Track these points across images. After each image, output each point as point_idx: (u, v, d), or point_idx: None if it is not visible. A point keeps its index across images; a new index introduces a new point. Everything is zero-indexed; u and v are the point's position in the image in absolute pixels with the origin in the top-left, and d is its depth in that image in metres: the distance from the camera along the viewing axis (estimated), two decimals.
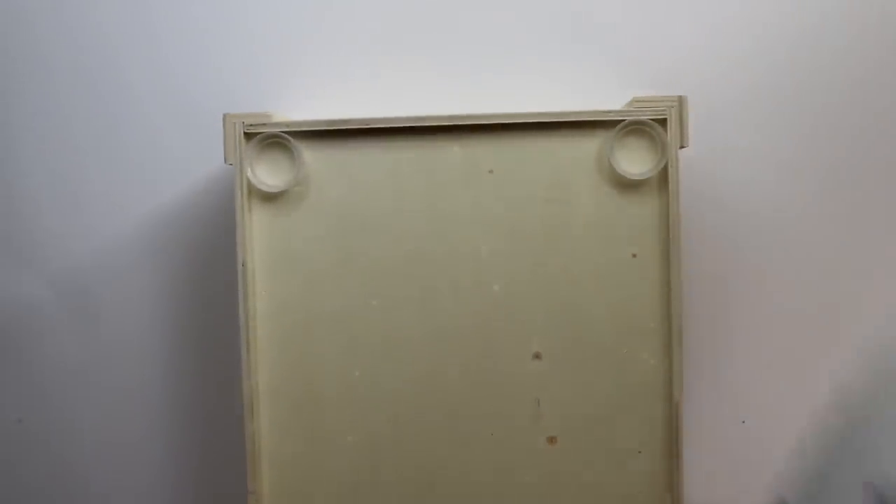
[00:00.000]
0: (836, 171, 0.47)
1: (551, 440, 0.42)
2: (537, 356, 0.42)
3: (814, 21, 0.47)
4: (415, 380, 0.42)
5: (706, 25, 0.47)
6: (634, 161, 0.41)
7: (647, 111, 0.41)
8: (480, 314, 0.42)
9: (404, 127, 0.41)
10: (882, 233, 0.47)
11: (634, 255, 0.41)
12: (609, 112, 0.41)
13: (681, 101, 0.40)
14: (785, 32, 0.47)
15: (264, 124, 0.41)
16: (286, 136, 0.41)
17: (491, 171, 0.41)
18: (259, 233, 0.42)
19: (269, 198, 0.42)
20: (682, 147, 0.41)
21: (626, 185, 0.41)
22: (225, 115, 0.41)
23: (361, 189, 0.42)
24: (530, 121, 0.41)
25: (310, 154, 0.41)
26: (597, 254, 0.41)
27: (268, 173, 0.42)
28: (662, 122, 0.40)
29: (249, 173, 0.41)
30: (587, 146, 0.41)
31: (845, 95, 0.47)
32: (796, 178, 0.47)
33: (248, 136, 0.41)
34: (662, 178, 0.41)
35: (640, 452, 0.41)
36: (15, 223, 0.49)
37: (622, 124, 0.41)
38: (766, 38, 0.47)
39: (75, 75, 0.48)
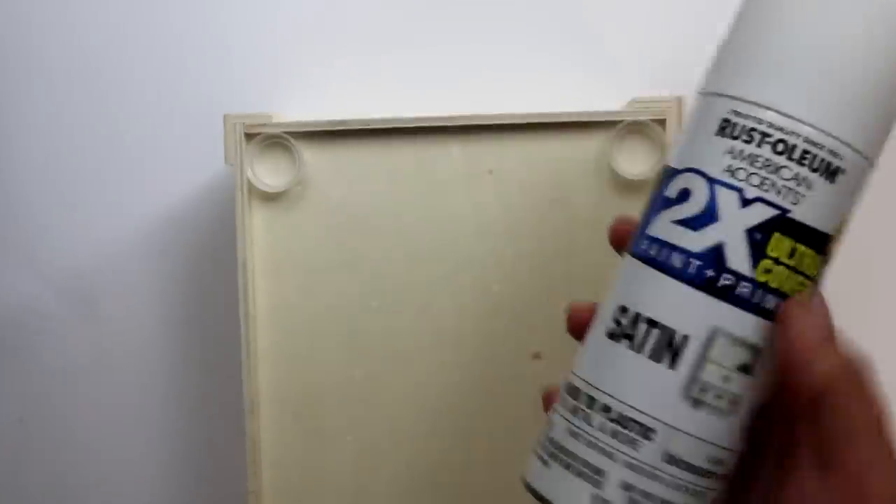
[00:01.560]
0: None
1: None
2: (537, 356, 0.42)
3: None
4: (414, 380, 0.42)
5: (705, 25, 0.47)
6: (634, 161, 0.41)
7: (646, 112, 0.41)
8: (480, 314, 0.42)
9: (404, 127, 0.41)
10: (883, 233, 0.47)
11: None
12: (608, 113, 0.41)
13: (679, 102, 0.41)
14: None
15: (264, 125, 0.41)
16: (286, 136, 0.41)
17: (491, 171, 0.42)
18: (259, 233, 0.42)
19: (270, 198, 0.42)
20: None
21: (626, 186, 0.41)
22: (225, 116, 0.41)
23: (361, 189, 0.42)
24: (530, 121, 0.41)
25: (310, 154, 0.42)
26: (596, 254, 0.41)
27: (268, 173, 0.42)
28: (661, 123, 0.41)
29: (250, 173, 0.41)
30: (587, 146, 0.41)
31: None
32: None
33: (249, 136, 0.41)
34: None
35: None
36: (15, 223, 0.49)
37: (621, 125, 0.41)
38: None
39: (74, 75, 0.48)
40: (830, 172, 0.26)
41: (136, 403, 0.49)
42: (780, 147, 0.26)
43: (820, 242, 0.27)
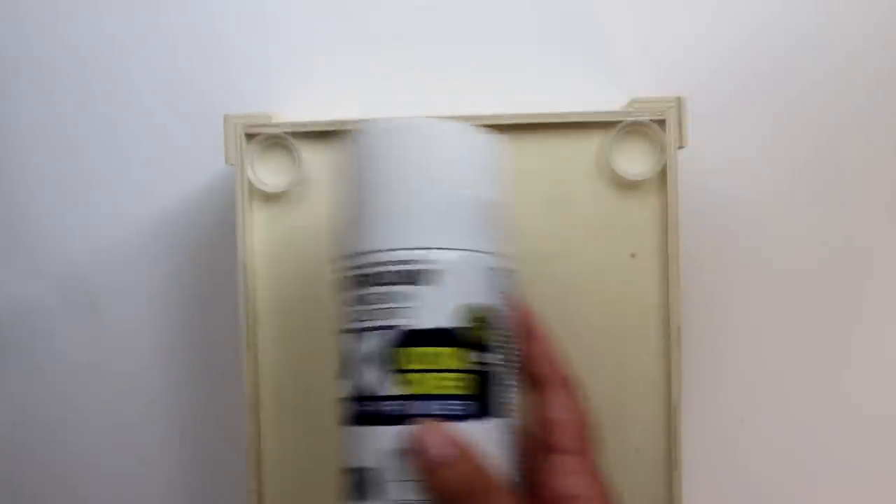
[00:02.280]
0: (837, 171, 0.47)
1: None
2: None
3: (814, 20, 0.47)
4: None
5: (705, 25, 0.47)
6: (634, 161, 0.41)
7: (645, 112, 0.41)
8: None
9: None
10: (884, 232, 0.47)
11: (633, 255, 0.41)
12: (608, 113, 0.41)
13: (679, 102, 0.41)
14: (785, 32, 0.47)
15: (265, 125, 0.41)
16: (286, 136, 0.41)
17: None
18: (259, 233, 0.42)
19: (270, 198, 0.42)
20: (680, 147, 0.41)
21: (626, 186, 0.41)
22: (225, 116, 0.41)
23: None
24: (530, 121, 0.41)
25: (310, 154, 0.42)
26: (596, 254, 0.41)
27: (268, 173, 0.42)
28: (661, 123, 0.41)
29: (250, 174, 0.41)
30: (587, 147, 0.41)
31: (847, 95, 0.47)
32: (797, 178, 0.47)
33: (249, 136, 0.41)
34: (661, 179, 0.41)
35: (637, 452, 0.41)
36: (15, 223, 0.49)
37: (621, 125, 0.41)
38: (766, 37, 0.47)
39: (75, 75, 0.48)
40: (421, 278, 0.28)
41: (136, 403, 0.49)
42: (362, 280, 0.29)
43: (447, 338, 0.28)
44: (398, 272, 0.28)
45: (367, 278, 0.29)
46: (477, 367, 0.29)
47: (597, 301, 0.41)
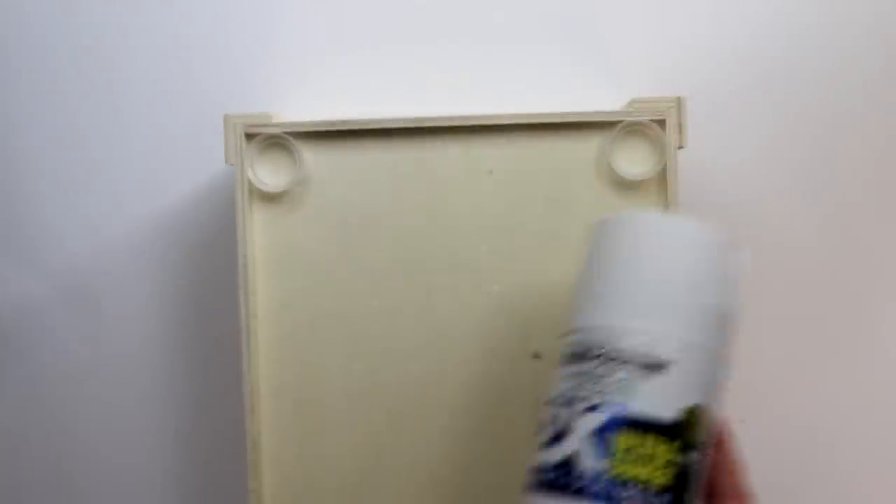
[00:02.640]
0: (836, 171, 0.47)
1: None
2: (537, 356, 0.42)
3: (814, 20, 0.47)
4: (414, 379, 0.42)
5: (705, 25, 0.47)
6: (633, 162, 0.41)
7: (645, 112, 0.41)
8: (480, 314, 0.42)
9: (404, 127, 0.41)
10: (883, 232, 0.47)
11: None
12: (608, 113, 0.41)
13: (679, 102, 0.41)
14: (785, 32, 0.47)
15: (265, 125, 0.41)
16: (286, 136, 0.41)
17: (491, 172, 0.42)
18: (259, 233, 0.42)
19: (270, 198, 0.42)
20: (680, 147, 0.41)
21: (626, 186, 0.41)
22: (225, 116, 0.41)
23: (362, 189, 0.42)
24: (530, 121, 0.41)
25: (310, 154, 0.42)
26: None
27: (268, 173, 0.42)
28: (661, 123, 0.41)
29: (250, 173, 0.41)
30: (587, 147, 0.41)
31: (846, 94, 0.47)
32: (796, 179, 0.47)
33: (249, 136, 0.41)
34: (661, 179, 0.41)
35: None
36: (16, 223, 0.49)
37: (621, 125, 0.41)
38: (765, 37, 0.47)
39: (75, 75, 0.48)
40: (654, 367, 0.29)
41: (136, 402, 0.49)
42: (600, 357, 0.30)
43: (666, 429, 0.29)
44: (632, 357, 0.29)
45: (596, 356, 0.30)
46: (682, 463, 0.30)
47: None
